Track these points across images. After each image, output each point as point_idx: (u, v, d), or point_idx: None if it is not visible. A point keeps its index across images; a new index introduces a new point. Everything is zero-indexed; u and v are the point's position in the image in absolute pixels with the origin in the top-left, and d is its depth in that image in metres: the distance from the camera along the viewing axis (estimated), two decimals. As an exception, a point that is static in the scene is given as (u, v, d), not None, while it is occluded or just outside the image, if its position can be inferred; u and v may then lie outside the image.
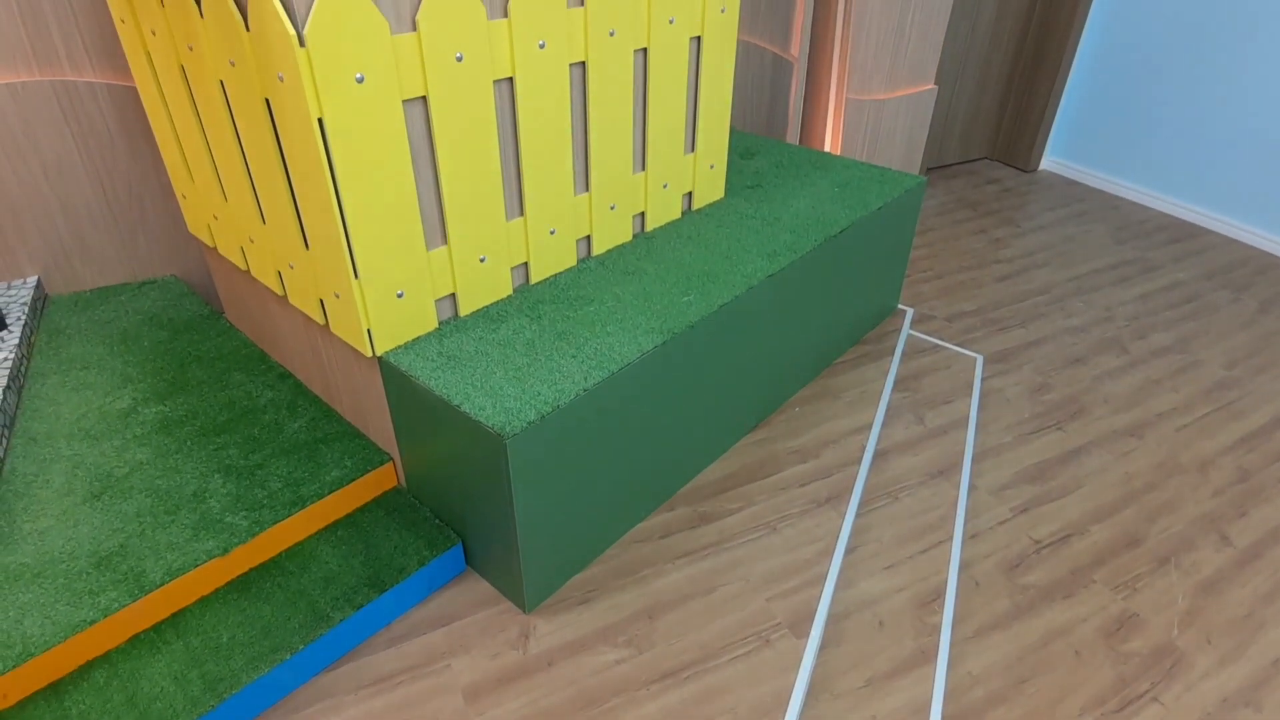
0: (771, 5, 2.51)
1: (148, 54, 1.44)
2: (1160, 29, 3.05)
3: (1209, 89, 2.96)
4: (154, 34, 1.36)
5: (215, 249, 1.69)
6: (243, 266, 1.58)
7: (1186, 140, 3.08)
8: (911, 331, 2.30)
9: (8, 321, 1.75)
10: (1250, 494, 1.75)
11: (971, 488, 1.73)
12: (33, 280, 1.92)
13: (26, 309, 1.81)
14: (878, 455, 1.81)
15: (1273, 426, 1.97)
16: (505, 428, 1.15)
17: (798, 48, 2.54)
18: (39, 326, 1.86)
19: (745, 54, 2.53)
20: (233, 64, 1.17)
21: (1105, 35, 3.23)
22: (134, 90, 1.84)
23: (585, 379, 1.27)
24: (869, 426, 1.89)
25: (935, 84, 3.03)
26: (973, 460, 1.81)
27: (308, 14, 1.02)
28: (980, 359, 2.19)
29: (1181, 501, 1.72)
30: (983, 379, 2.11)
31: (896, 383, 2.06)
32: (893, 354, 2.17)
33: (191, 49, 1.26)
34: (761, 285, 1.59)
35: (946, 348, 2.24)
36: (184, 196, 1.68)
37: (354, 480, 1.44)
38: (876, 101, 2.84)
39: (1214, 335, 2.36)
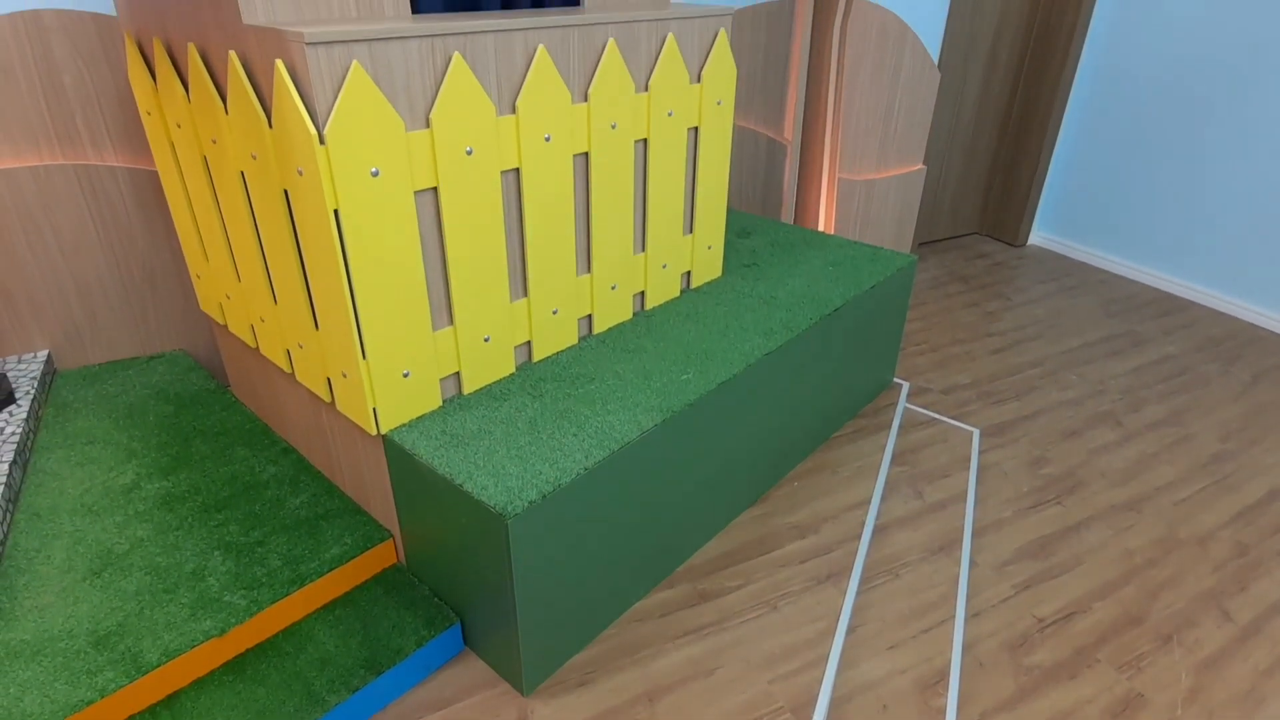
0: (765, 91, 2.63)
1: (171, 144, 1.51)
2: (1141, 109, 3.18)
3: (1191, 165, 3.07)
4: (179, 126, 1.43)
5: (226, 326, 1.73)
6: (252, 344, 1.62)
7: (1170, 215, 3.18)
8: (908, 405, 2.33)
9: (16, 396, 1.78)
10: (1249, 568, 1.75)
11: (973, 564, 1.73)
12: (43, 355, 1.96)
13: (36, 383, 1.84)
14: (877, 530, 1.81)
15: (1268, 500, 1.98)
16: (507, 507, 1.17)
17: (791, 131, 2.65)
18: (47, 401, 1.88)
19: (741, 137, 2.63)
20: (254, 157, 1.23)
21: (1087, 114, 3.37)
22: (153, 173, 1.91)
23: (586, 458, 1.29)
24: (868, 501, 1.89)
25: (924, 164, 3.15)
26: (973, 536, 1.81)
27: (329, 114, 1.08)
28: (977, 432, 2.21)
29: (1182, 577, 1.72)
30: (980, 452, 2.12)
31: (894, 456, 2.08)
32: (890, 428, 2.20)
33: (215, 142, 1.33)
34: (759, 363, 1.62)
35: (943, 421, 2.26)
36: (198, 276, 1.73)
37: (354, 557, 1.44)
38: (867, 181, 2.94)
39: (1206, 408, 2.39)
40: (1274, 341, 2.84)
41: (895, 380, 2.46)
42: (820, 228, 2.68)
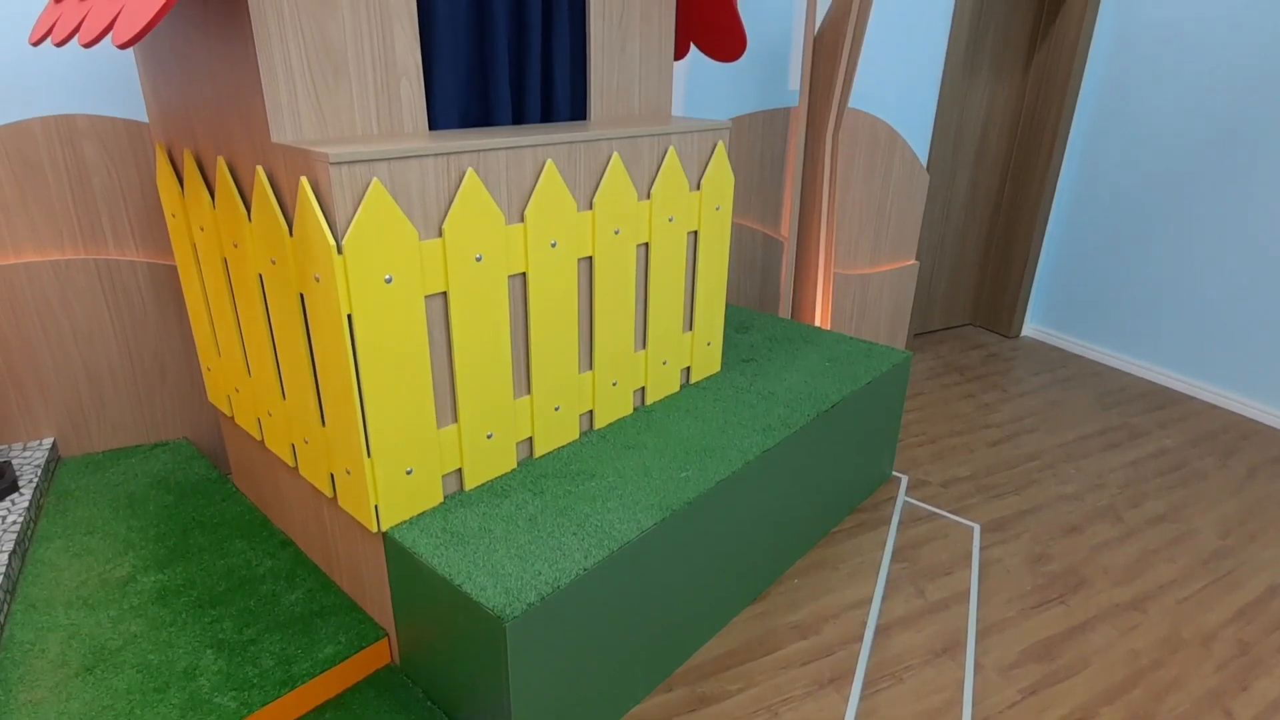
0: (762, 191, 2.75)
1: (193, 245, 1.58)
2: (1126, 204, 3.30)
3: (1179, 260, 3.17)
4: (202, 230, 1.50)
5: (233, 418, 1.75)
6: (258, 437, 1.64)
7: (1161, 309, 3.25)
8: (907, 499, 2.33)
9: (20, 484, 1.79)
10: (1251, 667, 1.72)
11: (978, 667, 1.70)
12: (48, 442, 1.98)
13: (39, 471, 1.85)
14: (879, 631, 1.78)
15: (1268, 596, 1.96)
16: (505, 610, 1.16)
17: (787, 229, 2.75)
18: (49, 488, 1.89)
19: (739, 235, 2.73)
20: (273, 262, 1.29)
21: (1073, 210, 3.49)
22: (170, 267, 1.98)
23: (586, 558, 1.29)
24: (869, 600, 1.88)
25: (916, 259, 3.25)
26: (977, 637, 1.78)
27: (347, 226, 1.14)
28: (977, 528, 2.21)
29: (1187, 678, 1.68)
30: (981, 548, 2.11)
31: (895, 553, 2.07)
32: (889, 522, 2.19)
33: (236, 246, 1.39)
34: (757, 460, 1.64)
35: (943, 516, 2.26)
36: (208, 368, 1.77)
37: (348, 658, 1.42)
38: (862, 276, 3.03)
39: (1205, 503, 2.39)
40: (1270, 435, 2.86)
41: (894, 473, 2.47)
42: (817, 322, 2.75)
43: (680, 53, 1.92)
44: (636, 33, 1.65)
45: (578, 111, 1.65)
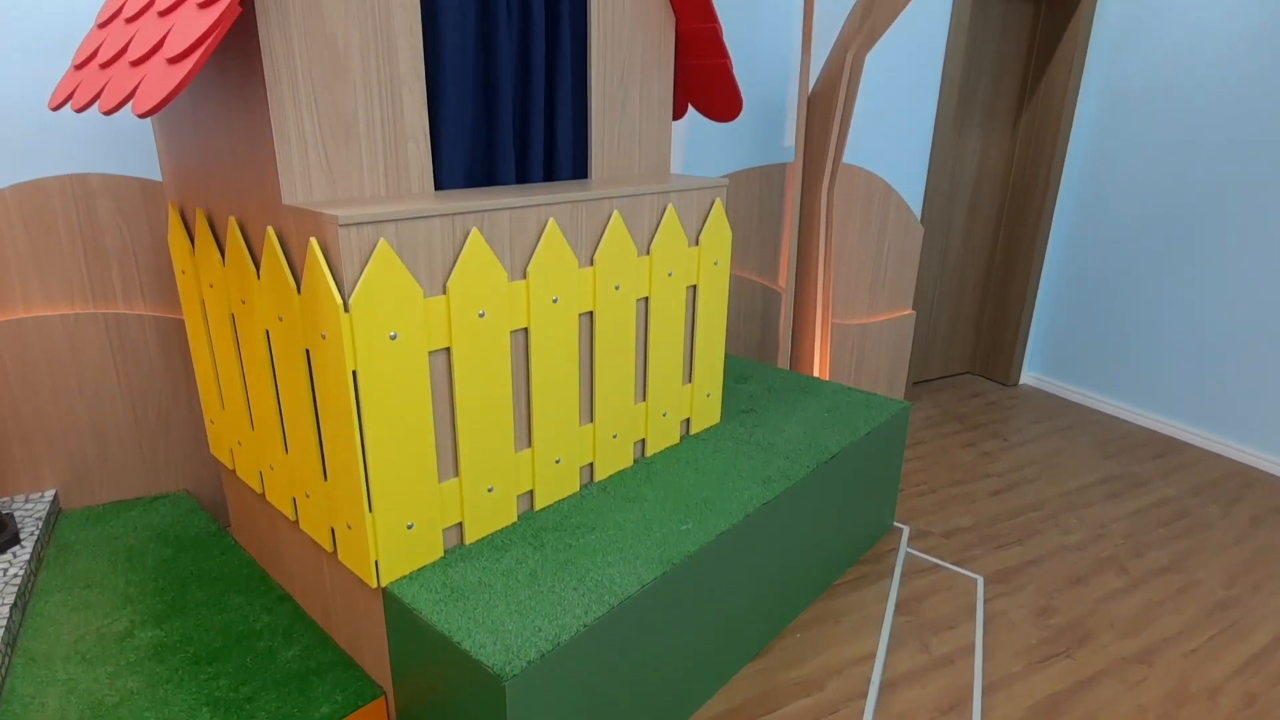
0: (760, 242, 2.80)
1: (202, 301, 1.61)
2: (1120, 252, 3.36)
3: (1174, 306, 3.20)
4: (211, 286, 1.53)
5: (234, 471, 1.76)
6: (259, 490, 1.65)
7: (1158, 356, 3.28)
8: (909, 550, 2.32)
9: (21, 536, 1.79)
10: (1258, 719, 1.70)
11: (983, 724, 1.67)
12: (50, 494, 1.98)
13: (40, 524, 1.85)
14: (884, 687, 1.76)
15: (1274, 646, 1.94)
16: (505, 668, 1.16)
17: (785, 279, 2.79)
18: (50, 541, 1.89)
19: (738, 285, 2.77)
20: (281, 319, 1.31)
21: (1067, 258, 3.54)
22: (177, 321, 2.01)
23: (586, 613, 1.28)
24: (873, 655, 1.85)
25: (913, 309, 3.29)
26: (983, 693, 1.76)
27: (354, 284, 1.17)
28: (981, 579, 2.19)
29: (1202, 741, 1.66)
30: (985, 600, 2.10)
31: (898, 605, 2.05)
32: (892, 575, 2.18)
33: (244, 302, 1.42)
34: (758, 512, 1.64)
35: (946, 567, 2.24)
36: (211, 421, 1.78)
37: (344, 717, 1.40)
38: (860, 325, 3.06)
39: (1209, 553, 2.38)
40: (1271, 484, 2.85)
41: (896, 524, 2.46)
42: (816, 372, 2.77)
43: (679, 113, 1.98)
44: (637, 95, 1.71)
45: (579, 170, 1.70)
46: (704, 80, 1.86)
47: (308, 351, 1.29)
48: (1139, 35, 3.13)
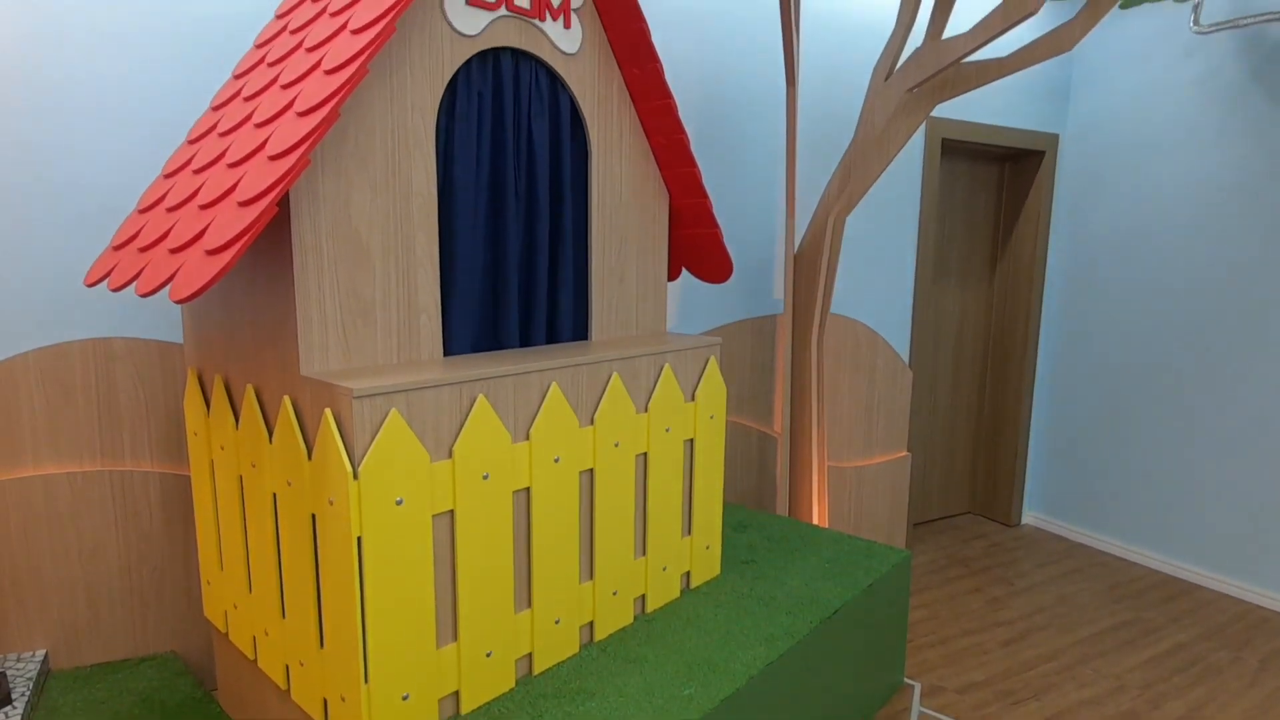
0: (754, 389, 2.88)
1: (211, 462, 1.65)
2: (1108, 389, 3.43)
3: (1165, 445, 3.24)
4: (222, 449, 1.57)
5: (227, 635, 1.73)
6: (251, 656, 1.61)
7: (1156, 495, 3.28)
8: (923, 709, 2.23)
9: (13, 697, 1.73)
10: None
11: None
12: (41, 654, 1.93)
13: (31, 684, 1.80)
14: None
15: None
16: None
17: (780, 425, 2.85)
18: (39, 703, 1.82)
19: (734, 431, 2.83)
20: (289, 484, 1.35)
21: (1056, 397, 3.62)
22: (181, 477, 2.03)
23: (587, 792, 1.23)
24: (889, 830, 1.75)
25: (908, 450, 3.33)
26: None
27: (364, 452, 1.22)
28: (997, 741, 2.09)
29: None
30: (1004, 765, 2.00)
31: (913, 772, 1.95)
32: (905, 736, 2.08)
33: (254, 466, 1.46)
34: (761, 675, 1.60)
35: (960, 727, 2.15)
36: (208, 583, 1.77)
37: None
38: (857, 468, 3.09)
39: (1224, 700, 2.29)
40: (1278, 623, 2.79)
41: (906, 680, 2.37)
42: (815, 517, 2.77)
43: (673, 275, 2.11)
44: (634, 265, 1.84)
45: (580, 332, 1.79)
46: (696, 247, 2.00)
47: (314, 516, 1.32)
48: (1099, 188, 3.38)
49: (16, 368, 1.84)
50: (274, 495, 1.43)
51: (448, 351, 1.55)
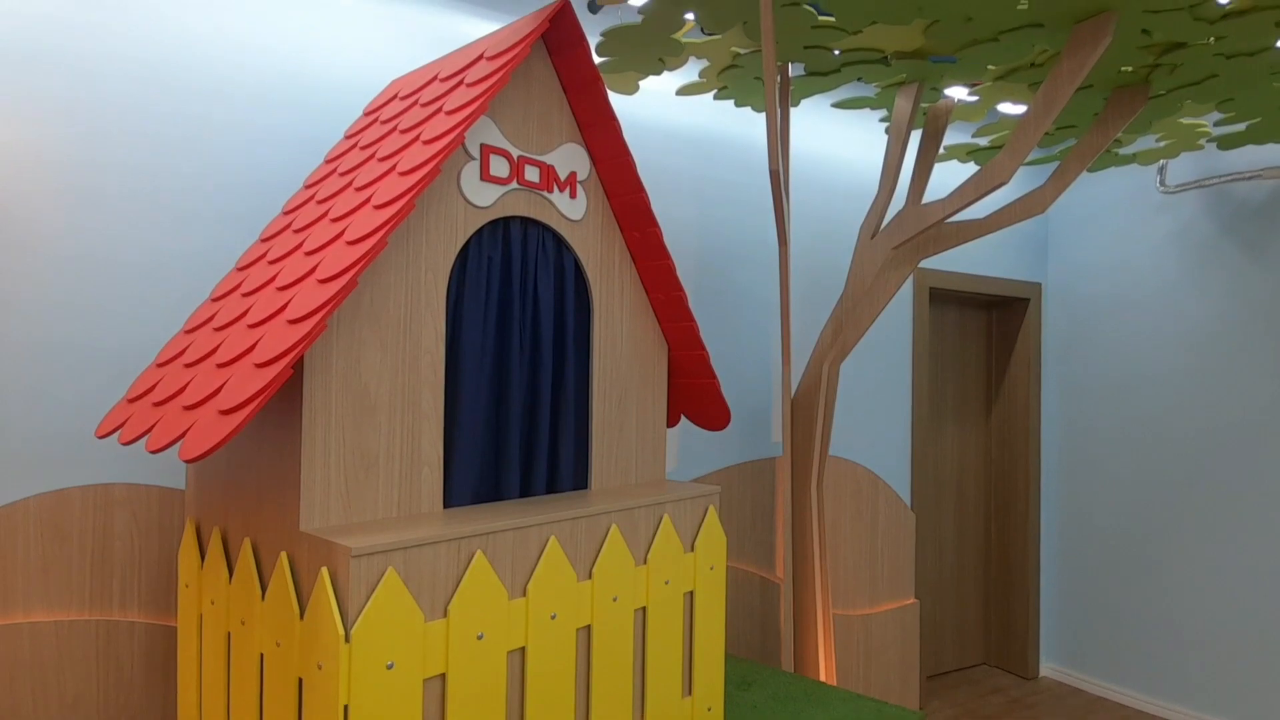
0: (755, 534, 2.84)
1: (199, 616, 1.62)
2: (1112, 544, 3.37)
3: (1178, 594, 3.15)
4: (213, 603, 1.55)
5: (198, 807, 1.63)
6: (222, 832, 1.51)
7: (1174, 645, 3.15)
8: None
9: None
10: None
11: None
12: (-12, 832, 1.80)
13: None
14: None
15: None
16: None
17: (782, 570, 2.79)
18: None
19: (735, 579, 2.77)
20: (278, 644, 1.32)
21: (1062, 548, 3.55)
22: (168, 629, 1.98)
23: None
24: None
25: (915, 598, 3.23)
26: None
27: (358, 615, 1.20)
28: None
29: None
30: None
31: None
32: None
33: (243, 623, 1.43)
34: None
35: None
36: (185, 746, 1.68)
37: None
38: (864, 617, 3.00)
39: None
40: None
41: None
42: (820, 668, 2.66)
43: (672, 422, 2.15)
44: (633, 416, 1.88)
45: (580, 480, 1.80)
46: (694, 396, 2.05)
47: (300, 680, 1.28)
48: (1086, 336, 3.48)
49: (17, 513, 1.84)
50: (261, 656, 1.39)
51: (448, 503, 1.56)
